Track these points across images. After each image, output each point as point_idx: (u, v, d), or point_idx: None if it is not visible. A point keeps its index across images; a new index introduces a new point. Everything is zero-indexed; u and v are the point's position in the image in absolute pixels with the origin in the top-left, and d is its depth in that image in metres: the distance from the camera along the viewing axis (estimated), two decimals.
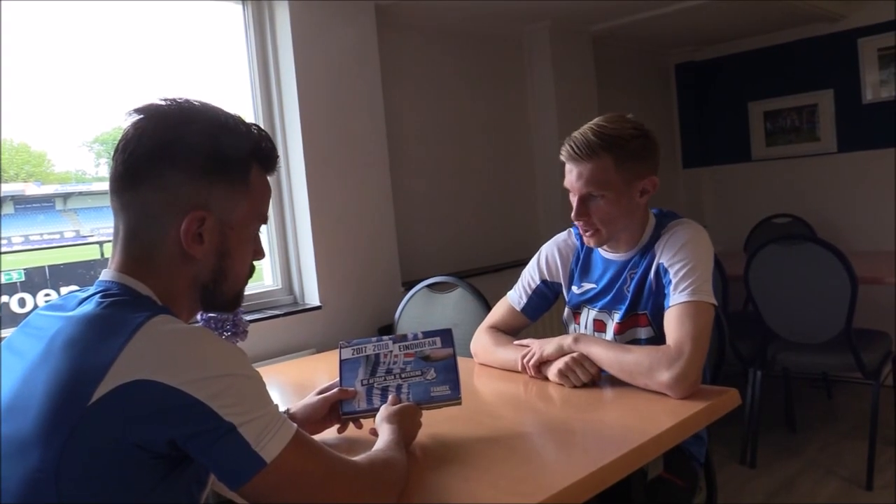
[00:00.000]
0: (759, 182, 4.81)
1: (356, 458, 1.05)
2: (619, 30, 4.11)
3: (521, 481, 1.14)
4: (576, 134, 1.64)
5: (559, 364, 1.62)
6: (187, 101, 1.03)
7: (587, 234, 1.70)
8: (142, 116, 1.00)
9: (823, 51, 4.44)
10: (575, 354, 1.62)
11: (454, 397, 1.41)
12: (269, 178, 1.09)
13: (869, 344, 3.01)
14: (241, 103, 2.76)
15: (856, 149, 4.38)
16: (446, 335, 1.49)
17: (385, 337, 1.49)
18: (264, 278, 2.82)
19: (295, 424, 0.96)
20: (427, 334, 1.49)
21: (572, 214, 1.67)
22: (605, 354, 1.59)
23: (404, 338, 1.49)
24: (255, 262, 1.13)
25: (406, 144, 3.27)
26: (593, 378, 1.59)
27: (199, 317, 1.82)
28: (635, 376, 1.52)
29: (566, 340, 1.65)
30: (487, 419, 1.49)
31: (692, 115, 5.11)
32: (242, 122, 1.06)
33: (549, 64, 3.84)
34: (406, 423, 1.29)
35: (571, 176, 1.65)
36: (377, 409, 1.36)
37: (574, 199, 1.66)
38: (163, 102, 1.01)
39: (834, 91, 4.44)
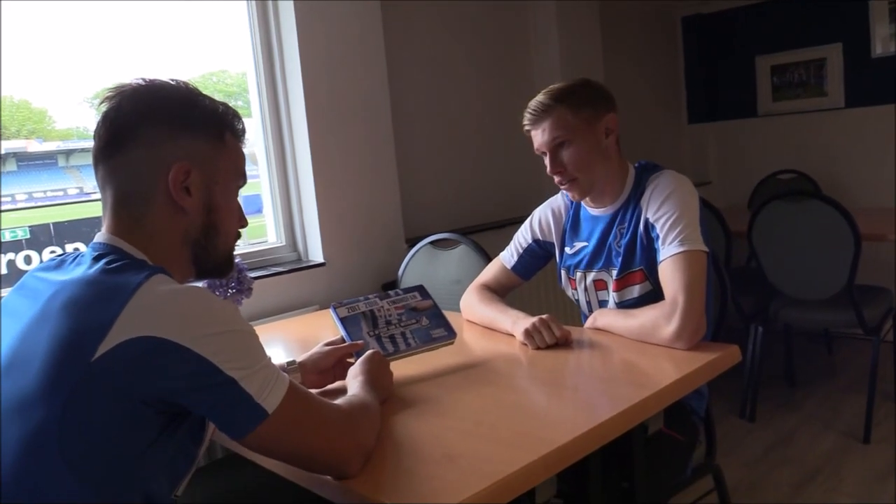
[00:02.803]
0: (765, 138, 4.77)
1: (336, 403, 1.11)
2: None
3: (524, 436, 1.16)
4: (530, 102, 1.73)
5: (526, 324, 1.65)
6: (157, 78, 1.09)
7: (566, 186, 1.75)
8: (114, 94, 1.05)
9: (832, 3, 4.35)
10: (544, 316, 1.66)
11: (451, 336, 1.58)
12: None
13: (871, 300, 3.03)
14: (243, 59, 2.73)
15: (864, 104, 4.33)
16: (422, 290, 1.66)
17: (371, 295, 1.60)
18: (268, 235, 2.83)
19: (287, 375, 1.01)
20: (405, 290, 1.65)
21: (548, 170, 1.73)
22: (617, 323, 1.66)
23: (387, 295, 1.62)
24: (241, 231, 1.19)
25: (409, 102, 3.23)
26: (558, 341, 1.62)
27: None
28: (646, 337, 1.57)
29: (590, 319, 1.75)
30: (491, 375, 1.51)
31: (698, 69, 5.03)
32: (210, 97, 1.12)
33: (553, 18, 3.76)
34: (373, 370, 1.34)
35: (537, 138, 1.73)
36: (402, 351, 1.50)
37: (546, 157, 1.72)
38: (133, 81, 1.07)
39: (843, 45, 4.37)
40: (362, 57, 2.84)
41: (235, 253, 1.19)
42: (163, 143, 1.04)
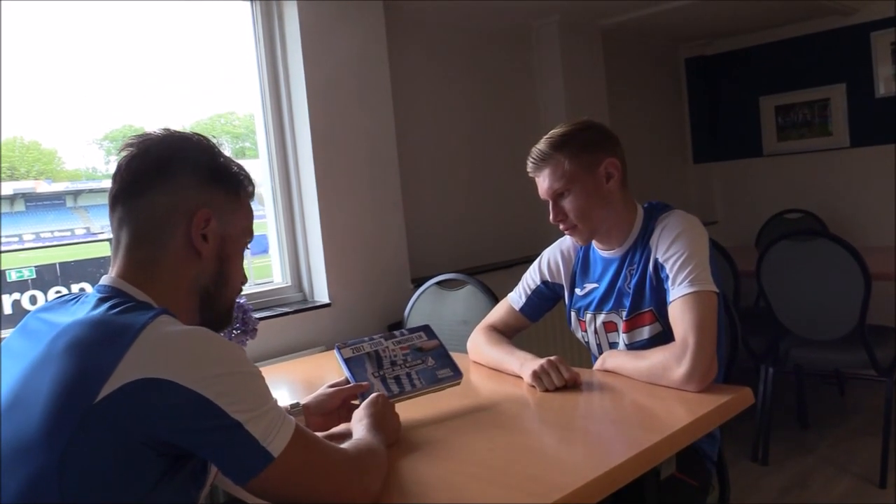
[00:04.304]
0: (771, 177, 4.77)
1: (342, 447, 1.09)
2: (629, 24, 4.09)
3: (534, 481, 1.14)
4: (532, 149, 1.73)
5: (534, 366, 1.63)
6: (179, 131, 1.12)
7: (569, 232, 1.76)
8: (139, 141, 1.07)
9: (836, 45, 4.40)
10: (552, 358, 1.64)
11: (458, 377, 1.55)
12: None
13: (883, 340, 2.99)
14: (250, 101, 2.75)
15: (868, 143, 4.35)
16: (427, 329, 1.65)
17: (375, 336, 1.58)
18: (273, 275, 2.82)
19: (293, 418, 1.00)
20: (411, 330, 1.63)
21: (550, 218, 1.74)
22: (627, 364, 1.64)
23: (392, 335, 1.60)
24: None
25: (415, 141, 3.26)
26: (567, 383, 1.59)
27: None
28: (656, 379, 1.55)
29: (599, 361, 1.73)
30: (499, 418, 1.49)
31: (703, 109, 5.07)
32: (225, 155, 1.15)
33: (558, 59, 3.81)
34: (378, 413, 1.32)
35: (539, 186, 1.75)
36: (407, 392, 1.48)
37: (549, 205, 1.73)
38: (157, 131, 1.10)
39: (846, 85, 4.41)
40: (369, 98, 2.86)
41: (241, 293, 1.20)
42: (187, 189, 1.06)
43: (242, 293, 2.46)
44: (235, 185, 1.12)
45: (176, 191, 1.05)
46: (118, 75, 2.49)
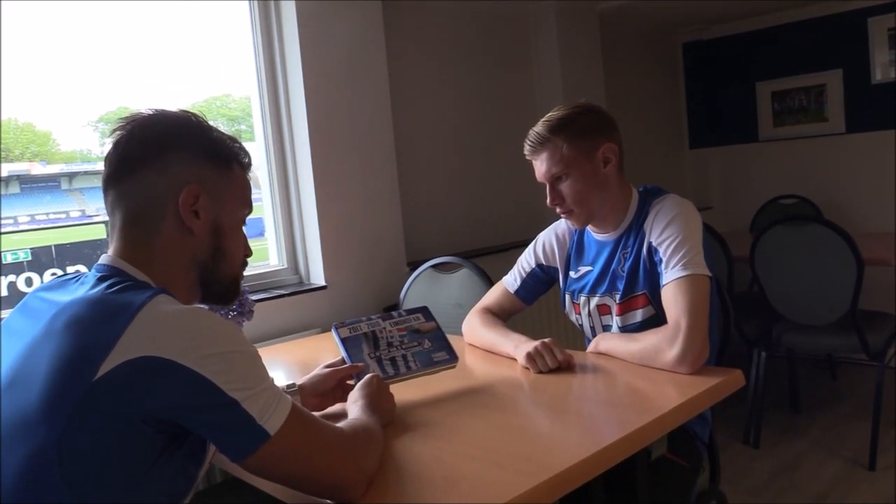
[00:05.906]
0: (766, 163, 4.78)
1: (338, 426, 1.10)
2: (626, 8, 4.07)
3: (526, 460, 1.15)
4: (530, 131, 1.73)
5: (528, 348, 1.64)
6: (168, 109, 1.11)
7: (565, 216, 1.76)
8: (127, 123, 1.07)
9: (832, 30, 4.39)
10: (546, 340, 1.65)
11: (453, 360, 1.56)
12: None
13: (874, 325, 3.01)
14: (246, 84, 2.74)
15: (864, 130, 4.35)
16: (426, 311, 1.65)
17: (373, 316, 1.59)
18: (270, 258, 2.83)
19: (290, 398, 1.01)
20: (409, 311, 1.64)
21: (547, 202, 1.74)
22: (619, 347, 1.66)
23: (391, 315, 1.61)
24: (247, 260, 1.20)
25: (412, 125, 3.25)
26: (561, 365, 1.61)
27: None
28: (648, 361, 1.56)
29: (593, 343, 1.74)
30: (493, 399, 1.50)
31: (699, 94, 5.07)
32: (218, 129, 1.15)
33: (555, 43, 3.80)
34: (373, 394, 1.33)
35: (536, 169, 1.74)
36: (403, 374, 1.49)
37: (546, 188, 1.73)
38: (145, 111, 1.09)
39: (843, 71, 4.40)
40: (365, 81, 2.85)
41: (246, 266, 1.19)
42: (174, 167, 1.05)
43: None
44: (226, 158, 1.11)
45: (164, 170, 1.05)
46: (113, 57, 2.48)
